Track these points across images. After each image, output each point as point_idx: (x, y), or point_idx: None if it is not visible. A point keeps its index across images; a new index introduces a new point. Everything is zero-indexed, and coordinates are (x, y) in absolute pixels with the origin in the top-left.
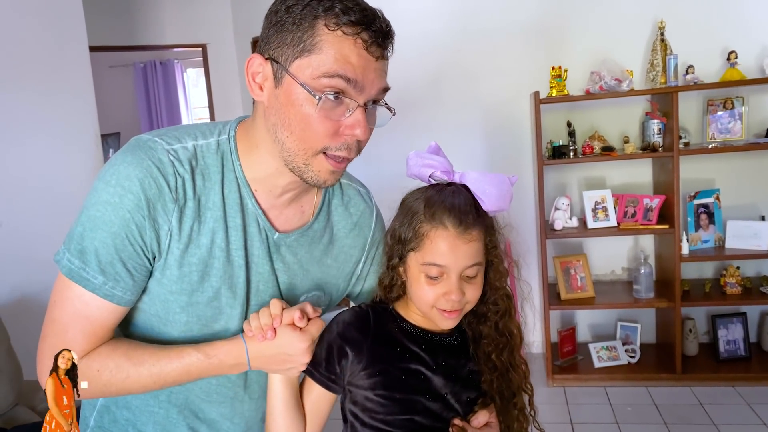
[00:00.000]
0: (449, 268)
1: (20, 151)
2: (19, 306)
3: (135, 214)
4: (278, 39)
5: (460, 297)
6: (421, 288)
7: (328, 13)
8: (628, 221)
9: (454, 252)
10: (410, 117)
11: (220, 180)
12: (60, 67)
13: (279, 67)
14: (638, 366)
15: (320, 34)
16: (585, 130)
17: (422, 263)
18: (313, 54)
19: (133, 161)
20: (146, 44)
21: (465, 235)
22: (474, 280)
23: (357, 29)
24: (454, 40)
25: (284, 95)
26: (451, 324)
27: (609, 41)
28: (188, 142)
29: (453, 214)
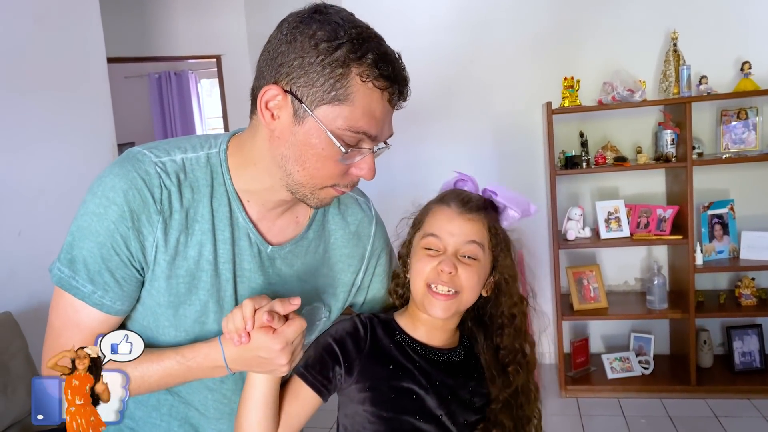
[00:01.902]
0: (445, 242)
1: (39, 160)
2: (36, 313)
3: (119, 225)
4: (305, 78)
5: (452, 270)
6: (419, 259)
7: (362, 63)
8: (641, 232)
9: (451, 224)
10: (423, 128)
11: (209, 193)
12: (79, 77)
13: (302, 107)
14: (652, 377)
15: (353, 84)
16: (597, 141)
17: (422, 237)
18: (344, 105)
19: (120, 173)
20: (161, 55)
21: (466, 214)
22: (472, 264)
23: (387, 84)
24: (466, 52)
25: (304, 134)
26: (440, 311)
27: (621, 52)
28: (177, 155)
29: (460, 197)
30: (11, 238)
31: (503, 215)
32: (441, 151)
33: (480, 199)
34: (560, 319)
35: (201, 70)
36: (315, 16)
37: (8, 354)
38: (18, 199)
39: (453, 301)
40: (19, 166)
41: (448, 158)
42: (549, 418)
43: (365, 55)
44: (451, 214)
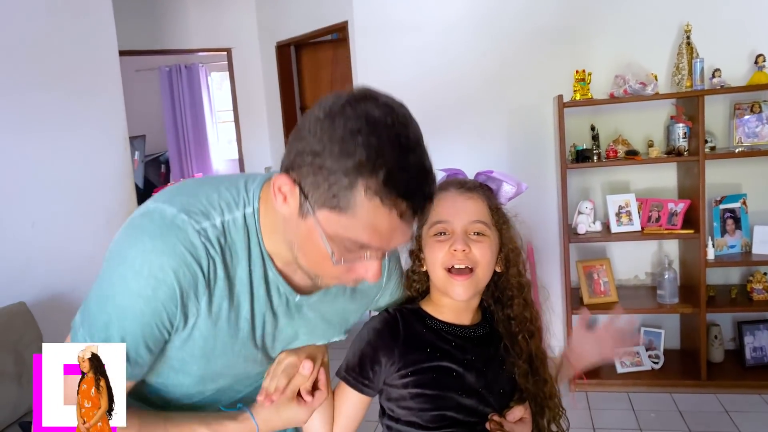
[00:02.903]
0: (453, 224)
1: (52, 152)
2: (51, 304)
3: (168, 304)
4: (313, 177)
5: (465, 248)
6: (432, 249)
7: (372, 177)
8: (652, 226)
9: (455, 206)
10: (434, 121)
11: (246, 255)
12: (91, 70)
13: (306, 204)
14: (662, 372)
15: (357, 196)
16: (609, 134)
17: (429, 227)
18: (344, 215)
19: (165, 249)
20: (172, 48)
21: (466, 194)
22: (482, 240)
23: (397, 201)
24: (478, 45)
25: (306, 230)
26: (463, 291)
27: (634, 45)
28: (216, 218)
29: (456, 182)
30: (25, 230)
31: (499, 193)
32: (452, 144)
33: (475, 181)
34: (570, 313)
35: (211, 63)
36: (347, 108)
37: (23, 344)
38: (32, 191)
39: (471, 279)
40: (32, 158)
41: (459, 152)
42: None
43: (377, 170)
44: (452, 196)
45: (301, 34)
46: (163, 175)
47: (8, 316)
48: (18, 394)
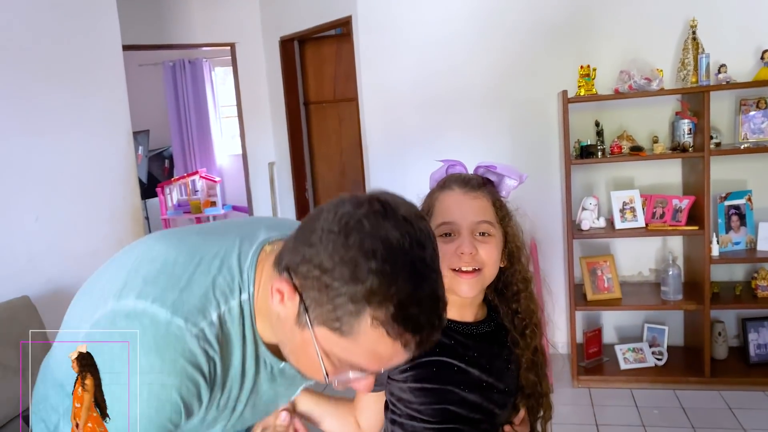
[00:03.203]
0: (459, 224)
1: (55, 146)
2: (54, 297)
3: (173, 417)
4: (316, 293)
5: (472, 250)
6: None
7: (380, 308)
8: (657, 222)
9: (460, 207)
10: (437, 116)
11: (241, 342)
12: (94, 65)
13: (306, 316)
14: (665, 369)
15: (361, 324)
16: (613, 130)
17: (435, 227)
18: (345, 339)
19: (164, 367)
20: (176, 43)
21: (471, 193)
22: (488, 239)
23: (404, 334)
24: (482, 40)
25: (301, 340)
26: (469, 289)
27: (639, 40)
28: (212, 313)
29: (460, 180)
30: (29, 224)
31: (501, 186)
32: (455, 139)
33: (478, 177)
34: (573, 309)
35: (215, 58)
36: (364, 224)
37: (27, 338)
38: (35, 185)
39: (478, 278)
40: (36, 152)
41: (463, 147)
42: (561, 407)
43: (387, 302)
44: (456, 196)
45: (305, 29)
46: (167, 170)
47: (12, 309)
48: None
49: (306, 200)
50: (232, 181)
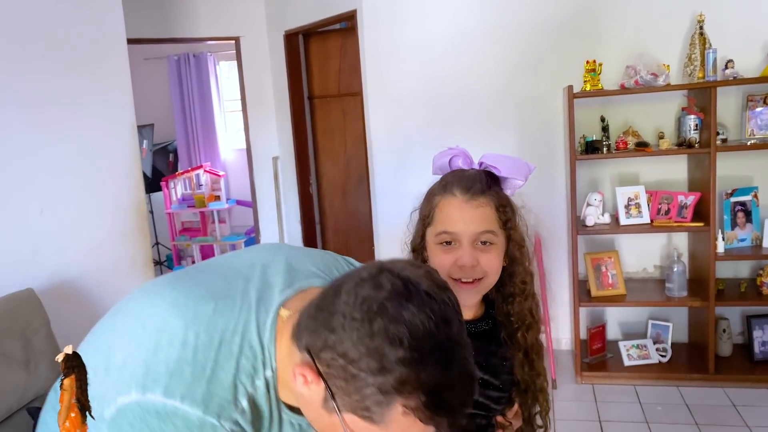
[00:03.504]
0: (460, 234)
1: (60, 140)
2: (58, 290)
3: None
4: (343, 382)
5: (472, 263)
6: (437, 256)
7: (411, 397)
8: (662, 218)
9: (462, 217)
10: (442, 111)
11: (269, 415)
12: (99, 59)
13: (333, 403)
14: (669, 365)
15: (392, 413)
16: (619, 125)
17: (435, 234)
18: (376, 426)
19: None
20: (180, 37)
21: (473, 201)
22: (489, 248)
23: (436, 418)
24: (488, 34)
25: (329, 421)
26: (469, 298)
27: (645, 35)
28: (242, 400)
29: (462, 182)
30: (34, 217)
31: (506, 184)
32: (460, 134)
33: (482, 178)
34: (577, 306)
35: (220, 52)
36: (387, 308)
37: (31, 329)
38: (40, 178)
39: (478, 288)
40: (41, 146)
41: (468, 142)
42: (564, 403)
43: (417, 390)
44: (458, 204)
45: (310, 22)
46: (171, 164)
47: (16, 302)
48: (26, 379)
49: (310, 195)
50: (236, 175)
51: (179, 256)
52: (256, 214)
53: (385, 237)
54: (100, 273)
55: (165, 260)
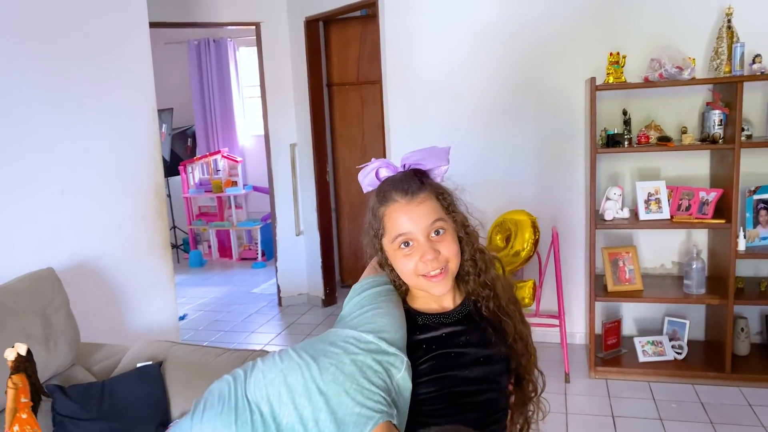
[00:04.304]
0: (414, 233)
1: (81, 122)
2: (77, 270)
3: None
4: None
5: (435, 255)
6: (401, 262)
7: None
8: (682, 214)
9: (410, 216)
10: (461, 100)
11: None
12: (121, 42)
13: None
14: (685, 363)
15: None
16: (641, 119)
17: (392, 241)
18: None
19: None
20: (201, 21)
21: (414, 200)
22: (444, 236)
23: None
24: (510, 24)
25: None
26: (441, 288)
27: (671, 27)
28: None
29: (398, 187)
30: (55, 197)
31: (434, 173)
32: (478, 124)
33: (413, 177)
34: (593, 300)
35: (239, 37)
36: None
37: (51, 308)
38: (62, 160)
39: (446, 276)
40: (62, 128)
41: (487, 132)
42: (577, 397)
43: None
44: (403, 207)
45: (331, 9)
46: (190, 149)
47: (37, 281)
48: (45, 357)
49: (327, 182)
50: (253, 161)
51: (195, 240)
52: (273, 200)
53: None
54: (118, 254)
55: (181, 244)
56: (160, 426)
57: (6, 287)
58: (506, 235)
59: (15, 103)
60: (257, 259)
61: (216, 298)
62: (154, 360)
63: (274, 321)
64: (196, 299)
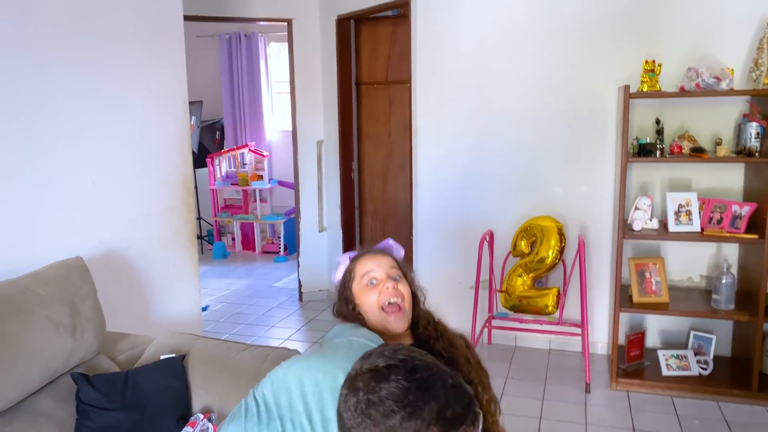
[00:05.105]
0: (377, 270)
1: (114, 112)
2: (105, 260)
3: None
4: None
5: (394, 285)
6: (366, 296)
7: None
8: (713, 227)
9: (375, 262)
10: (490, 102)
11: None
12: (156, 34)
13: None
14: (710, 379)
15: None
16: (674, 129)
17: (359, 281)
18: None
19: None
20: (234, 16)
21: (378, 254)
22: (401, 281)
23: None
24: (543, 27)
25: None
26: (401, 324)
27: (710, 36)
28: None
29: (365, 250)
30: (85, 186)
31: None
32: (508, 128)
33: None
34: (617, 310)
35: (271, 33)
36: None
37: (79, 297)
38: (93, 149)
39: (402, 313)
40: (95, 118)
41: (516, 137)
42: (597, 408)
43: (429, 428)
44: (369, 257)
45: (363, 8)
46: (218, 141)
47: (66, 269)
48: (71, 345)
49: (351, 180)
50: (279, 156)
51: (220, 231)
52: (298, 195)
53: (425, 225)
54: (146, 245)
55: (206, 235)
56: (180, 419)
57: (35, 275)
58: (531, 241)
59: (52, 94)
60: (279, 253)
61: (238, 290)
62: (177, 352)
63: (295, 316)
64: (219, 291)
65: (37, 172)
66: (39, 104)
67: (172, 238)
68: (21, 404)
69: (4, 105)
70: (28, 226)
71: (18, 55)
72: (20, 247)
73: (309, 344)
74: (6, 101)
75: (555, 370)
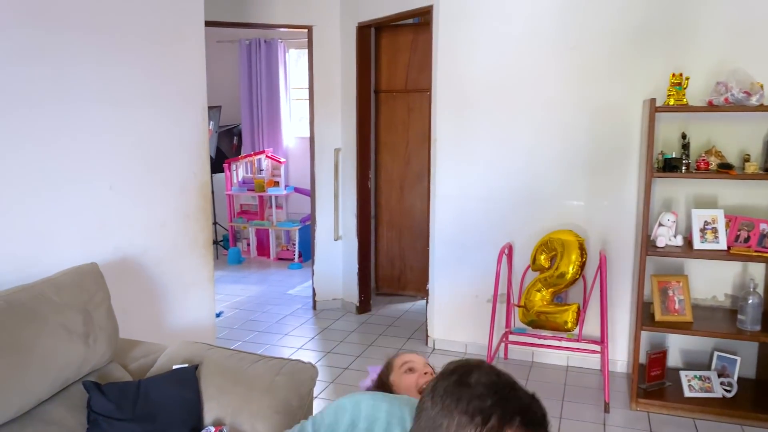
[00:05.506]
0: (416, 361)
1: (132, 117)
2: (120, 266)
3: None
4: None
5: (430, 372)
6: (405, 380)
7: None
8: (740, 246)
9: (412, 355)
10: (512, 113)
11: None
12: (177, 39)
13: None
14: (734, 401)
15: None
16: (701, 144)
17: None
18: None
19: None
20: (255, 22)
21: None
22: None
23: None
24: (567, 38)
25: None
26: None
27: (740, 49)
28: None
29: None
30: (103, 192)
31: None
32: (529, 139)
33: None
34: (639, 328)
35: (290, 39)
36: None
37: (93, 304)
38: (111, 154)
39: None
40: (113, 122)
41: (537, 147)
42: (616, 429)
43: (513, 418)
44: (405, 352)
45: (384, 16)
46: (235, 147)
47: (80, 275)
48: (84, 353)
49: (368, 189)
50: (296, 162)
51: (235, 237)
52: (314, 203)
53: (442, 236)
54: (161, 251)
55: (221, 240)
56: (192, 431)
57: (50, 280)
58: (551, 255)
59: (73, 98)
60: (294, 260)
61: (252, 297)
62: (190, 362)
63: (308, 324)
64: (233, 297)
65: (54, 177)
66: (59, 108)
67: (188, 245)
68: (32, 412)
69: (26, 107)
70: (44, 230)
71: (41, 58)
72: (36, 251)
73: (322, 353)
74: (27, 102)
75: (573, 387)
